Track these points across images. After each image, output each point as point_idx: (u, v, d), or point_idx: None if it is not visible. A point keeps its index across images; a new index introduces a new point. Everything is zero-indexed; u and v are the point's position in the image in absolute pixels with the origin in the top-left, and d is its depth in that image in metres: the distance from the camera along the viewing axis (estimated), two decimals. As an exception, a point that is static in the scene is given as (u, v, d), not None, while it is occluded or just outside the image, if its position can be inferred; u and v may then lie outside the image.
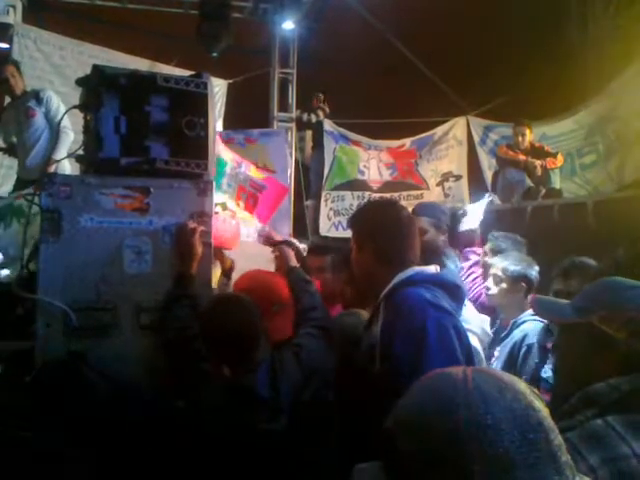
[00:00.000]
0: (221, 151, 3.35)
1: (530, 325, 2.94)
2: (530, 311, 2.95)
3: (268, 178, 3.90)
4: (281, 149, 6.55)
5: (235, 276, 2.97)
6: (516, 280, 3.06)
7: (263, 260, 2.84)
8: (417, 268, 2.04)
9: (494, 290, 3.07)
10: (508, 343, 2.98)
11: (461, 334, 1.93)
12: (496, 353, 3.06)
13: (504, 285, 3.08)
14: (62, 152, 4.62)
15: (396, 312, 1.93)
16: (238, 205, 3.46)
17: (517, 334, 2.96)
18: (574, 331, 1.49)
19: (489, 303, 3.18)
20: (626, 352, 1.38)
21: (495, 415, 0.77)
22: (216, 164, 2.95)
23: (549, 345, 2.70)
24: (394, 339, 1.89)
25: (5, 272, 3.14)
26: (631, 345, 1.38)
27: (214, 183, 2.46)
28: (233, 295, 2.20)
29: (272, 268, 2.76)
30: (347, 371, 2.17)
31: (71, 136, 4.74)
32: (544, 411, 0.81)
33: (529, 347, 2.88)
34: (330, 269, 3.02)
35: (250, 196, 3.52)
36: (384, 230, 2.07)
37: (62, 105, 5.18)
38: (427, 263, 2.13)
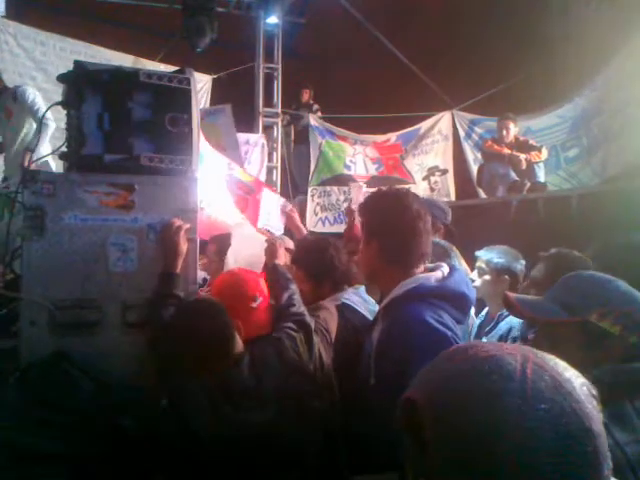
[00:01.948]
0: (208, 152, 3.33)
1: (514, 318, 2.95)
2: None
3: (256, 181, 3.90)
4: (229, 125, 6.53)
5: (230, 258, 2.98)
6: (500, 273, 3.07)
7: (257, 243, 2.85)
8: (421, 277, 1.94)
9: (478, 282, 3.08)
10: (494, 336, 2.99)
11: None
12: None
13: (487, 277, 3.09)
14: (43, 142, 4.63)
15: (391, 330, 1.88)
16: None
17: (503, 326, 2.97)
18: (564, 328, 1.49)
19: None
20: (622, 345, 1.40)
21: (540, 419, 0.70)
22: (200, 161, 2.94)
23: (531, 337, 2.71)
24: (385, 357, 1.85)
25: None
26: (626, 339, 1.41)
27: (198, 179, 2.45)
28: (198, 303, 2.18)
29: (259, 261, 2.77)
30: (351, 362, 2.18)
31: (52, 127, 4.70)
32: (597, 416, 0.74)
33: (514, 340, 2.90)
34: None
35: (240, 199, 3.51)
36: (391, 227, 1.96)
37: (38, 96, 5.13)
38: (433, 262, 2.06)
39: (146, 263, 2.29)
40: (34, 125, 5.15)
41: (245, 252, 2.98)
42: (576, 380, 0.75)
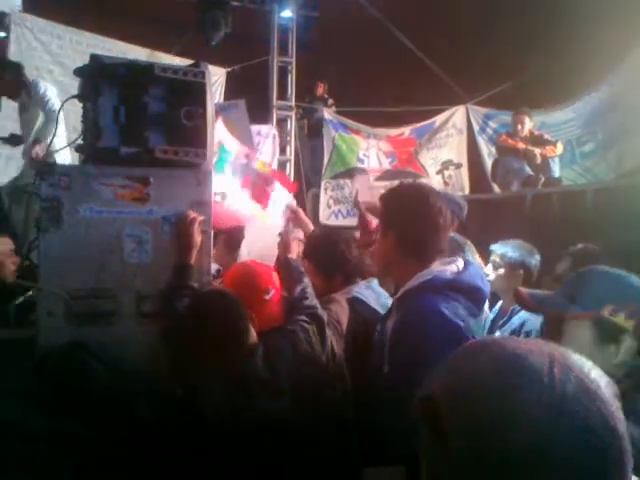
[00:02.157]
0: (226, 141, 3.35)
1: (528, 313, 2.95)
2: None
3: (275, 174, 3.91)
4: (243, 120, 6.54)
5: (243, 250, 3.01)
6: (514, 267, 3.06)
7: (270, 238, 2.86)
8: (436, 270, 1.95)
9: (492, 276, 3.08)
10: (507, 330, 2.99)
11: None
12: None
13: (501, 271, 3.08)
14: (50, 134, 4.69)
15: (406, 319, 1.89)
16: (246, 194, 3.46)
17: (516, 321, 2.97)
18: (576, 323, 1.49)
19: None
20: (635, 340, 1.40)
21: (559, 413, 0.67)
22: (220, 150, 2.96)
23: None
24: (399, 346, 1.86)
25: None
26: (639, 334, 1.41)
27: (213, 172, 2.47)
28: (213, 293, 2.20)
29: (272, 254, 2.79)
30: (361, 355, 2.20)
31: (57, 115, 4.75)
32: (622, 417, 0.71)
33: (528, 334, 2.89)
34: None
35: (259, 190, 3.52)
36: (412, 220, 1.96)
37: (49, 89, 5.16)
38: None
39: (161, 254, 2.31)
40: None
41: (258, 245, 3.00)
42: (601, 380, 0.73)
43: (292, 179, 7.71)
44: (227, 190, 2.94)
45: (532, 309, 1.79)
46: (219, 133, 3.34)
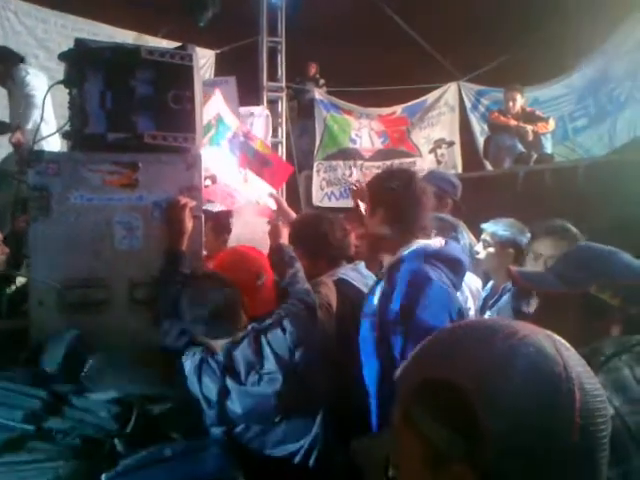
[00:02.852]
0: (225, 115, 3.32)
1: None
2: None
3: (273, 155, 3.89)
4: (232, 97, 6.49)
5: (231, 242, 3.01)
6: (504, 245, 3.06)
7: (254, 232, 2.85)
8: (422, 242, 2.10)
9: (482, 254, 3.08)
10: (497, 308, 3.00)
11: (454, 313, 1.99)
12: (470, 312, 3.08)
13: (492, 250, 3.08)
14: (30, 120, 4.77)
15: (395, 285, 2.02)
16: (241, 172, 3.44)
17: (505, 299, 2.98)
18: (565, 301, 1.49)
19: (478, 267, 3.19)
20: (622, 318, 1.40)
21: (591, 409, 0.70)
22: (218, 123, 2.95)
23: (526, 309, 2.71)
24: (388, 311, 1.99)
25: None
26: (626, 311, 1.41)
27: (207, 146, 2.44)
28: (208, 276, 2.21)
29: (264, 239, 2.78)
30: (348, 336, 2.25)
31: (38, 98, 4.76)
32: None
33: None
34: None
35: (255, 169, 3.50)
36: (398, 197, 2.11)
37: (32, 75, 5.12)
38: (439, 236, 2.23)
39: (152, 241, 2.30)
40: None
41: (247, 237, 2.99)
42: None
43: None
44: (222, 167, 2.93)
45: (522, 287, 1.81)
46: (218, 106, 3.32)
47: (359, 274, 2.65)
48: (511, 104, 6.75)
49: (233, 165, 3.34)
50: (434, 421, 0.73)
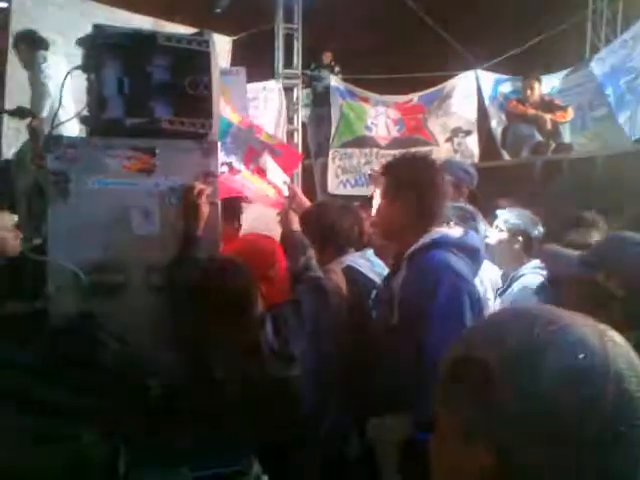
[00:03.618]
0: (225, 112, 3.32)
1: (529, 278, 2.97)
2: (530, 264, 3.01)
3: (281, 144, 3.89)
4: (241, 89, 6.49)
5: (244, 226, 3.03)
6: (515, 233, 3.11)
7: (266, 222, 2.86)
8: (442, 231, 2.12)
9: (492, 239, 3.10)
10: (507, 296, 3.00)
11: (474, 302, 2.00)
12: (497, 307, 3.09)
13: (502, 236, 3.12)
14: (43, 104, 4.93)
15: (418, 271, 2.03)
16: (248, 168, 3.47)
17: (515, 287, 2.99)
18: (577, 285, 1.50)
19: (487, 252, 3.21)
20: (624, 310, 1.39)
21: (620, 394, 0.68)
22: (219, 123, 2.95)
23: None
24: (411, 298, 1.99)
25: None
26: (629, 304, 1.39)
27: (219, 143, 2.45)
28: (225, 260, 2.23)
29: (276, 229, 2.79)
30: (362, 323, 2.28)
31: (50, 87, 4.90)
32: None
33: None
34: None
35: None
36: (420, 186, 2.11)
37: (45, 63, 5.18)
38: (459, 224, 2.28)
39: (168, 226, 2.31)
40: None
41: (259, 223, 3.00)
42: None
43: (300, 149, 7.66)
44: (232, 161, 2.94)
45: (546, 264, 1.84)
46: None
47: (367, 261, 2.66)
48: (529, 93, 6.69)
49: (239, 160, 3.35)
50: (463, 398, 0.74)
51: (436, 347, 1.71)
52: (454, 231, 2.17)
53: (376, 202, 2.23)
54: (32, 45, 5.31)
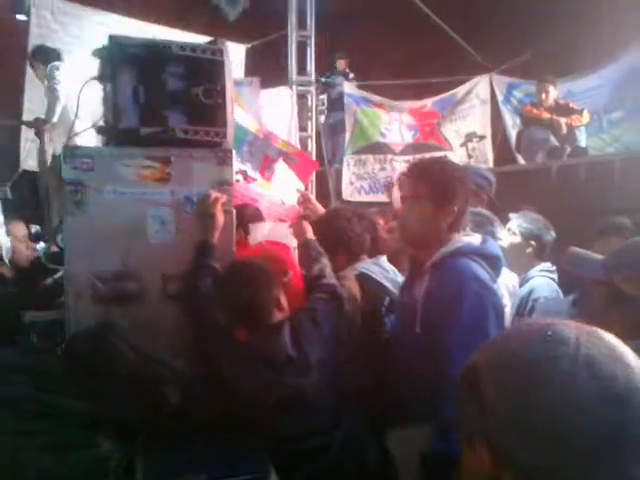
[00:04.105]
0: (244, 120, 3.34)
1: (537, 281, 3.00)
2: (538, 267, 3.04)
3: (298, 152, 3.91)
4: (252, 99, 6.53)
5: (257, 234, 3.02)
6: (527, 238, 3.12)
7: (277, 236, 2.85)
8: (465, 239, 2.11)
9: (504, 242, 3.08)
10: (516, 299, 2.99)
11: (498, 311, 1.99)
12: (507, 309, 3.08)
13: (514, 239, 3.12)
14: (54, 109, 5.02)
15: (442, 280, 2.01)
16: (263, 176, 3.48)
17: (524, 290, 2.98)
18: (597, 287, 1.52)
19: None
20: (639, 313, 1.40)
21: (590, 385, 0.70)
22: (236, 131, 2.96)
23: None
24: (435, 306, 1.98)
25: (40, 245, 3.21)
26: None
27: (233, 151, 2.46)
28: (242, 264, 2.23)
29: (289, 243, 2.78)
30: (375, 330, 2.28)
31: (60, 92, 5.00)
32: None
33: (535, 301, 2.92)
34: None
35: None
36: (450, 194, 2.07)
37: (58, 71, 5.25)
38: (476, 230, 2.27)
39: (184, 235, 2.32)
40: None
41: (272, 232, 3.00)
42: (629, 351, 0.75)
43: (314, 156, 7.67)
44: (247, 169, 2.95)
45: (567, 268, 1.85)
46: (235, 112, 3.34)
47: (381, 268, 2.64)
48: (544, 96, 6.64)
49: (255, 168, 3.36)
50: (464, 402, 0.79)
51: (458, 356, 1.69)
52: (474, 238, 2.15)
53: (399, 206, 2.21)
54: (45, 59, 5.40)
